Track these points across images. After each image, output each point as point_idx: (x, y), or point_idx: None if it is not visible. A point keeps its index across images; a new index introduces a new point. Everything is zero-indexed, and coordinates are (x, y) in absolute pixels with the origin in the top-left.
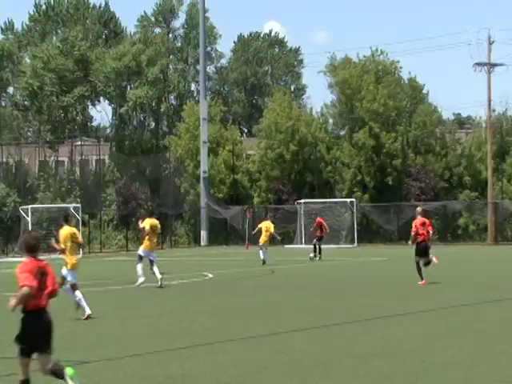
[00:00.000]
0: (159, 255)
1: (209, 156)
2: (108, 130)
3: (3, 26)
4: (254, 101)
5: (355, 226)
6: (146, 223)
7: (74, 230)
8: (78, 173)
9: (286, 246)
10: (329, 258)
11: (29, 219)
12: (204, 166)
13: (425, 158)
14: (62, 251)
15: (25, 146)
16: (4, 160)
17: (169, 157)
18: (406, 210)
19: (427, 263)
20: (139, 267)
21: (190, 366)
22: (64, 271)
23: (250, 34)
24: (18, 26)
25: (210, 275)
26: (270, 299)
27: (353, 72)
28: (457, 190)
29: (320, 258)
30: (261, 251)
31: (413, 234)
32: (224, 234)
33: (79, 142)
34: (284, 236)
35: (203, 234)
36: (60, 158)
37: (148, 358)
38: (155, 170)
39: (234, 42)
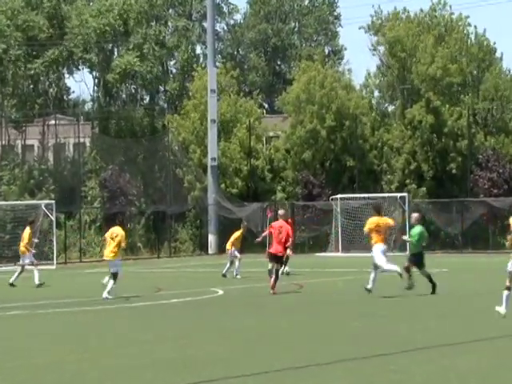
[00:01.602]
0: (155, 265)
1: (219, 139)
2: (89, 106)
3: None
4: (276, 67)
5: (407, 229)
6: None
7: None
8: (52, 160)
9: (317, 254)
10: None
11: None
12: (213, 151)
13: (497, 139)
14: None
15: None
16: None
17: (168, 141)
18: (472, 207)
19: None
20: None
21: None
22: None
23: None
24: None
25: (221, 291)
26: (296, 322)
27: (408, 29)
28: None
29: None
30: None
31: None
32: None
33: (53, 121)
34: (315, 241)
35: (211, 238)
36: (28, 142)
37: None
38: (150, 157)
39: None
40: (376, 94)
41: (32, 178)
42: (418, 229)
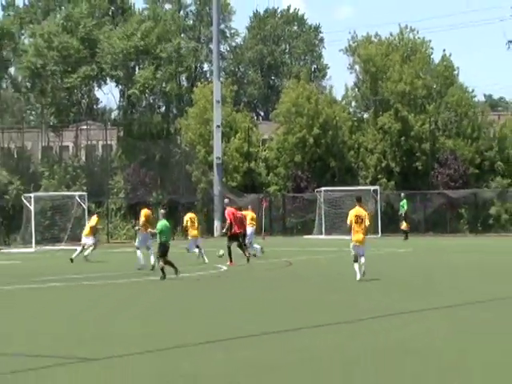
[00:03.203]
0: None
1: (222, 141)
2: (115, 114)
3: (4, 3)
4: (270, 82)
5: (379, 216)
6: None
7: None
8: (84, 159)
9: (304, 236)
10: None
11: (32, 208)
12: (217, 151)
13: (455, 141)
14: None
15: (27, 130)
16: (6, 145)
17: (179, 141)
18: (433, 198)
19: None
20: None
21: (203, 364)
22: None
23: (267, 11)
24: (19, 3)
25: (224, 267)
26: (286, 293)
27: (378, 50)
28: (488, 177)
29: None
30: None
31: None
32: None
33: (85, 126)
34: (303, 226)
35: (217, 224)
36: (64, 143)
37: (158, 356)
38: (165, 155)
39: (250, 19)
40: (353, 104)
41: (67, 174)
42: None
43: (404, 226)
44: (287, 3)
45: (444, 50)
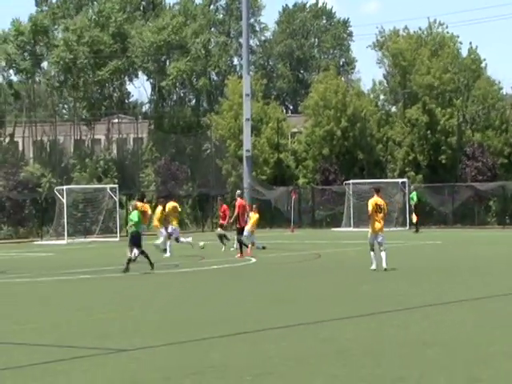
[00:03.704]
0: (200, 237)
1: (251, 135)
2: (146, 107)
3: None
4: (299, 75)
5: (407, 208)
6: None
7: None
8: (116, 152)
9: (333, 229)
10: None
11: (64, 200)
12: (247, 144)
13: (483, 134)
14: None
15: (60, 124)
16: (38, 138)
17: (210, 136)
18: (461, 191)
19: None
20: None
21: (232, 354)
22: None
23: (296, 5)
24: None
25: (253, 259)
26: (315, 285)
27: (407, 44)
28: None
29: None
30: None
31: None
32: (268, 216)
33: (116, 120)
34: (331, 218)
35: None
36: (96, 137)
37: (188, 347)
38: (196, 149)
39: (279, 14)
40: (381, 97)
41: (99, 167)
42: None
43: (414, 218)
44: None
45: (471, 43)
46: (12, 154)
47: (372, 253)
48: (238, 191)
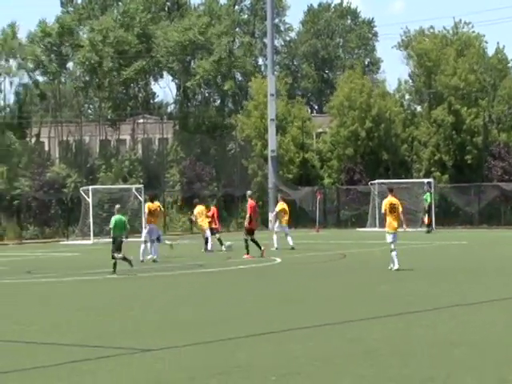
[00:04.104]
0: (226, 237)
1: (277, 134)
2: (171, 107)
3: None
4: (324, 75)
5: (433, 208)
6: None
7: None
8: (141, 152)
9: (358, 229)
10: (404, 242)
11: (90, 201)
12: (272, 144)
13: (509, 134)
14: None
15: (85, 124)
16: (64, 139)
17: (235, 136)
18: (487, 191)
19: None
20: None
21: (258, 354)
22: None
23: (320, 5)
24: None
25: (279, 259)
26: (341, 285)
27: (433, 43)
28: None
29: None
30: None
31: None
32: (293, 216)
33: (141, 120)
34: (357, 218)
35: (271, 216)
36: (122, 137)
37: (213, 346)
38: (221, 149)
39: (304, 14)
40: (407, 97)
41: (125, 167)
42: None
43: (427, 219)
44: None
45: (498, 43)
46: (38, 154)
47: (393, 252)
48: (249, 192)
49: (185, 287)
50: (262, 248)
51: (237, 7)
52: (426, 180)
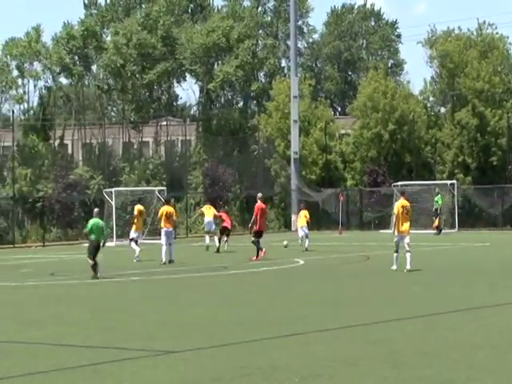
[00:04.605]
0: (248, 240)
1: (300, 135)
2: (194, 109)
3: (86, 2)
4: (347, 77)
5: (456, 210)
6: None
7: None
8: (164, 154)
9: (381, 231)
10: (428, 243)
11: (113, 203)
12: (295, 146)
13: None
14: None
15: (109, 126)
16: (87, 141)
17: (258, 137)
18: (511, 192)
19: None
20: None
21: (281, 356)
22: None
23: (344, 6)
24: (101, 1)
25: (302, 261)
26: (365, 287)
27: (456, 45)
28: None
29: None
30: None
31: None
32: (316, 218)
33: (164, 122)
34: (380, 220)
35: (294, 218)
36: (144, 139)
37: (236, 348)
38: (244, 150)
39: (327, 15)
40: (431, 98)
41: (148, 169)
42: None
43: (437, 222)
44: None
45: None
46: (61, 156)
47: (396, 254)
48: (259, 194)
49: (207, 289)
50: (261, 252)
51: (260, 9)
52: (449, 182)
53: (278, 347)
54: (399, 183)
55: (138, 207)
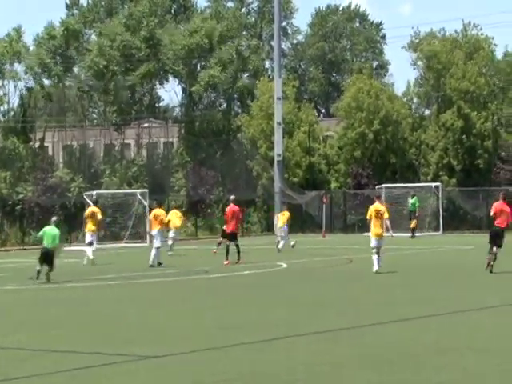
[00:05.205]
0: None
1: (283, 137)
2: (177, 111)
3: (68, 2)
4: (331, 79)
5: (441, 212)
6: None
7: None
8: (146, 157)
9: (365, 233)
10: (412, 246)
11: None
12: (278, 148)
13: None
14: None
15: (90, 128)
16: (68, 143)
17: (241, 138)
18: (496, 195)
19: None
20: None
21: (262, 361)
22: None
23: (328, 7)
24: (83, 1)
25: (285, 265)
26: (348, 290)
27: (443, 46)
28: None
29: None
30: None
31: None
32: (299, 221)
33: (146, 124)
34: (363, 223)
35: (276, 220)
36: (126, 141)
37: (217, 353)
38: (227, 152)
39: (311, 16)
40: (415, 100)
41: (129, 171)
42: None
43: (414, 223)
44: (349, 0)
45: (506, 46)
46: (42, 158)
47: (374, 256)
48: (232, 196)
49: (188, 293)
50: (225, 261)
51: (244, 10)
52: (433, 184)
53: (259, 351)
54: (383, 185)
55: (92, 209)
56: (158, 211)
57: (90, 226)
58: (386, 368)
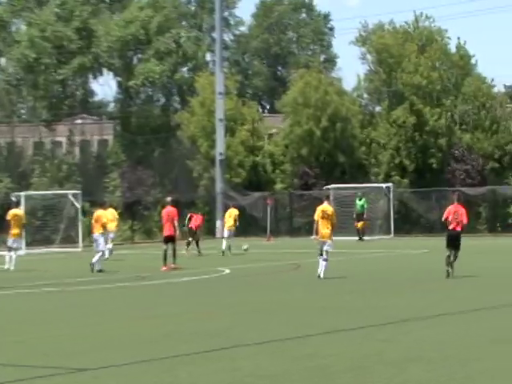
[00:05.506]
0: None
1: (226, 135)
2: (111, 107)
3: None
4: (276, 73)
5: (392, 215)
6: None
7: None
8: (78, 155)
9: (312, 237)
10: (362, 250)
11: (22, 207)
12: (220, 147)
13: (472, 136)
14: None
15: (18, 125)
16: None
17: (180, 135)
18: (449, 196)
19: None
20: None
21: (201, 372)
22: None
23: None
24: None
25: (227, 270)
26: (293, 297)
27: (393, 39)
28: (508, 173)
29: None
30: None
31: None
32: (242, 224)
33: (79, 121)
34: (311, 226)
35: (219, 224)
36: (57, 139)
37: (154, 364)
38: (165, 151)
39: (255, 6)
40: (365, 96)
41: (60, 171)
42: None
43: (360, 224)
44: None
45: (459, 38)
46: None
47: (320, 258)
48: (168, 198)
49: (123, 302)
50: (167, 266)
51: None
52: (384, 185)
53: (198, 363)
54: (331, 186)
55: (14, 211)
56: (101, 212)
57: (13, 230)
58: (331, 381)
